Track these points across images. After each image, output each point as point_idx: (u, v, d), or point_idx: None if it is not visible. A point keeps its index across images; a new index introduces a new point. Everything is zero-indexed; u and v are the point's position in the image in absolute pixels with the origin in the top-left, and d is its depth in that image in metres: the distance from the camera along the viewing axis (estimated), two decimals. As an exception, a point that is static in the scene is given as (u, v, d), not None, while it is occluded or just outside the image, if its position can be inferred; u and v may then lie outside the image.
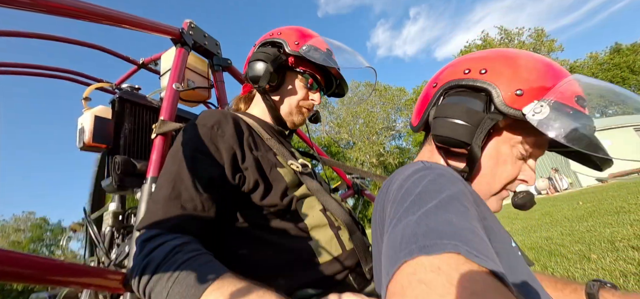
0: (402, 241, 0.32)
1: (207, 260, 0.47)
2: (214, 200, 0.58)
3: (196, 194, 0.56)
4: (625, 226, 3.17)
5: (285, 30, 0.84)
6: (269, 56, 0.76)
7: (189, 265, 0.45)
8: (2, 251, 0.40)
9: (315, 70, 0.84)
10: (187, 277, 0.43)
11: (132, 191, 0.88)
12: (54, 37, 1.24)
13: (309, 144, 1.30)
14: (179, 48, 1.03)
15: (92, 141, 0.93)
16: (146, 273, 0.46)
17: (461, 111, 0.50)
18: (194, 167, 0.58)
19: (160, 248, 0.47)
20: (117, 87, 1.25)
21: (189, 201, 0.55)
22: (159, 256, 0.46)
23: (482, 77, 0.50)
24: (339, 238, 0.67)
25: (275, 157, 0.71)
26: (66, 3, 0.62)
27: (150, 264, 0.46)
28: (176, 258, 0.46)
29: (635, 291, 0.57)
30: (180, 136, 0.65)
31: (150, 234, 0.50)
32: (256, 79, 0.77)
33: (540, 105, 0.45)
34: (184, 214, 0.54)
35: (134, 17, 0.83)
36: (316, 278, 0.60)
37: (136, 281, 0.47)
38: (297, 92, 0.84)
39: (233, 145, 0.63)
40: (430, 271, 0.27)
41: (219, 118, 0.66)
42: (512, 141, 0.53)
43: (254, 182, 0.62)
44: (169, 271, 0.44)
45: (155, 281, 0.45)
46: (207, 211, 0.56)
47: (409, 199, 0.38)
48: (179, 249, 0.47)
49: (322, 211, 0.69)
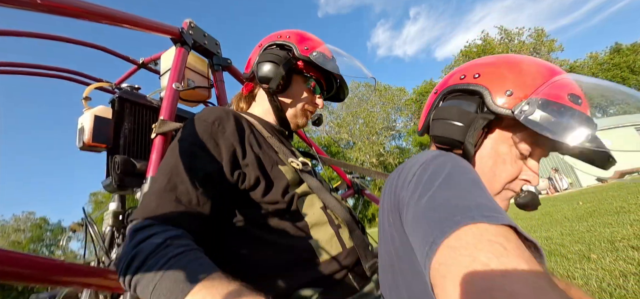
0: (453, 209, 0.34)
1: (197, 256, 0.45)
2: (210, 196, 0.57)
3: (192, 189, 0.55)
4: (625, 226, 3.17)
5: (292, 34, 0.85)
6: (281, 58, 0.78)
7: (179, 260, 0.43)
8: (2, 251, 0.40)
9: (320, 75, 0.87)
10: (176, 272, 0.41)
11: (132, 190, 0.88)
12: (53, 36, 1.24)
13: (309, 144, 1.30)
14: (178, 48, 1.03)
15: (92, 141, 0.93)
16: (134, 263, 0.44)
17: (455, 112, 0.54)
18: (191, 162, 0.58)
19: (150, 239, 0.46)
20: (117, 87, 1.25)
21: (185, 195, 0.54)
22: (149, 248, 0.44)
23: (475, 80, 0.55)
24: (339, 236, 0.67)
25: (277, 155, 0.71)
26: (66, 2, 0.62)
27: (139, 254, 0.44)
28: (166, 251, 0.44)
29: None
30: (181, 131, 0.65)
31: (142, 224, 0.49)
32: (267, 79, 0.77)
33: (528, 103, 0.47)
34: (178, 206, 0.53)
35: (133, 16, 0.83)
36: (316, 276, 0.60)
37: (122, 271, 0.45)
38: (302, 95, 0.86)
39: (233, 142, 0.63)
40: (499, 235, 0.31)
41: (220, 114, 0.66)
42: (509, 140, 0.55)
43: (255, 179, 0.62)
44: (158, 264, 0.43)
45: (142, 273, 0.43)
46: (202, 206, 0.55)
47: (441, 176, 0.40)
48: (169, 242, 0.45)
49: (323, 208, 0.69)
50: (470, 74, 0.56)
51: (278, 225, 0.63)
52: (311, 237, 0.64)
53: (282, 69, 0.77)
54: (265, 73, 0.77)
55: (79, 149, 0.97)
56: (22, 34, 1.17)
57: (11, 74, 1.25)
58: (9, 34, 1.13)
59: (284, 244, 0.62)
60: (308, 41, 0.83)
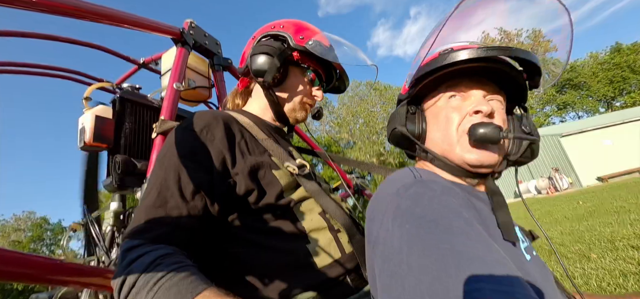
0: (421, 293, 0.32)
1: (188, 273, 0.45)
2: (201, 207, 0.55)
3: (182, 203, 0.54)
4: (625, 226, 3.18)
5: (287, 23, 0.81)
6: (275, 50, 0.74)
7: (170, 279, 0.43)
8: (2, 250, 0.40)
9: (318, 66, 0.83)
10: (167, 292, 0.41)
11: (133, 190, 0.88)
12: (54, 37, 1.24)
13: (310, 144, 1.29)
14: (179, 48, 1.03)
15: (92, 141, 0.93)
16: (126, 284, 0.44)
17: (398, 115, 0.63)
18: (181, 174, 0.56)
19: (141, 260, 0.45)
20: (117, 87, 1.25)
21: (175, 209, 0.53)
22: (139, 268, 0.44)
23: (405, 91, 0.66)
24: (338, 241, 0.65)
25: (270, 159, 0.68)
26: (66, 2, 0.62)
27: (130, 275, 0.44)
28: (157, 270, 0.44)
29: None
30: (169, 139, 0.62)
31: (132, 244, 0.48)
32: (261, 72, 0.74)
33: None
34: (169, 223, 0.52)
35: (134, 16, 0.83)
36: (314, 280, 0.59)
37: (117, 292, 0.45)
38: (300, 87, 0.81)
39: (222, 149, 0.61)
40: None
41: (208, 121, 0.64)
42: (440, 96, 0.58)
43: (246, 189, 0.60)
44: (149, 284, 0.42)
45: (134, 294, 0.43)
46: (194, 220, 0.54)
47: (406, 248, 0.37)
48: (160, 261, 0.45)
49: (321, 213, 0.68)
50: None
51: (275, 230, 0.62)
52: (309, 242, 0.63)
53: (276, 61, 0.73)
54: (260, 66, 0.74)
55: (79, 149, 0.97)
56: (23, 34, 1.17)
57: (12, 73, 1.25)
58: (9, 34, 1.13)
59: (282, 248, 0.61)
60: (304, 31, 0.79)
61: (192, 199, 0.55)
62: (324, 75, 0.86)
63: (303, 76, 0.82)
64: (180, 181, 0.55)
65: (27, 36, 1.19)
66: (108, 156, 0.98)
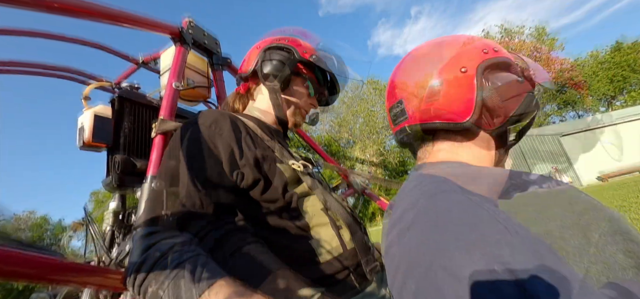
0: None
1: (204, 262, 0.47)
2: (212, 197, 0.58)
3: (195, 191, 0.56)
4: (625, 225, 3.17)
5: (291, 38, 0.88)
6: (286, 58, 0.82)
7: (186, 266, 0.44)
8: (2, 250, 0.40)
9: (314, 76, 0.91)
10: (184, 278, 0.43)
11: (132, 189, 0.88)
12: (53, 35, 1.24)
13: (310, 144, 1.30)
14: (178, 46, 1.02)
15: (92, 140, 0.93)
16: (142, 270, 0.46)
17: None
18: (192, 165, 0.58)
19: (157, 246, 0.47)
20: (116, 86, 1.24)
21: (188, 198, 0.55)
22: (156, 255, 0.46)
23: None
24: (340, 237, 0.67)
25: (274, 154, 0.72)
26: (64, 1, 0.61)
27: (147, 261, 0.46)
28: (173, 257, 0.45)
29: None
30: (178, 134, 0.65)
31: (148, 231, 0.50)
32: (274, 77, 0.81)
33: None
34: (182, 211, 0.54)
35: (132, 14, 0.83)
36: (317, 277, 0.60)
37: (132, 279, 0.46)
38: (301, 95, 0.88)
39: (230, 142, 0.64)
40: None
41: (216, 117, 0.68)
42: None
43: (253, 178, 0.63)
44: (166, 270, 0.44)
45: (150, 280, 0.44)
46: (206, 209, 0.56)
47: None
48: (177, 248, 0.47)
49: (324, 209, 0.69)
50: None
51: (278, 224, 0.64)
52: (312, 237, 0.64)
53: (287, 69, 0.80)
54: (273, 71, 0.80)
55: (79, 149, 0.97)
56: (22, 32, 1.17)
57: (11, 72, 1.24)
58: (8, 33, 1.12)
59: (285, 243, 0.62)
60: (305, 44, 0.88)
61: (203, 188, 0.57)
62: (320, 82, 0.95)
63: (303, 85, 0.88)
64: (192, 172, 0.58)
65: (27, 35, 1.19)
66: (107, 155, 0.98)
